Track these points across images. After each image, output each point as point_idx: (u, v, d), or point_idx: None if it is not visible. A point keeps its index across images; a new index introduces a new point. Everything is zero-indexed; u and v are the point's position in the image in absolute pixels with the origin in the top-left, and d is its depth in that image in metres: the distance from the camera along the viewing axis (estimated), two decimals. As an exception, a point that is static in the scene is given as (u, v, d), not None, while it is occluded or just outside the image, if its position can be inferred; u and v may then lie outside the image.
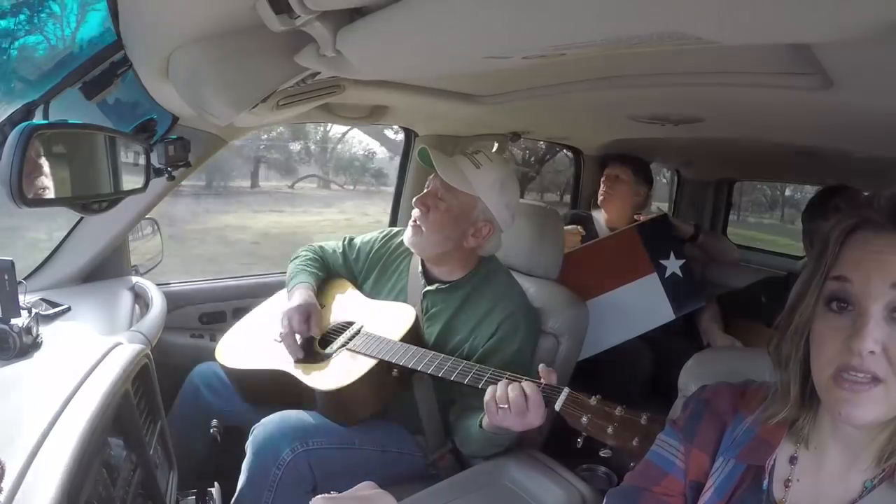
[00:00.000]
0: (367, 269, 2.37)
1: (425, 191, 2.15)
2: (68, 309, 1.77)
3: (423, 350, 1.89)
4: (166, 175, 1.88)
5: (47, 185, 1.34)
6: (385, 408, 1.98)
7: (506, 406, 1.59)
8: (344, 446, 1.92)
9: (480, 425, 1.81)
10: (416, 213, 2.12)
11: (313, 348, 2.08)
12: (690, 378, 1.49)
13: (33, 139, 1.22)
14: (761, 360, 1.35)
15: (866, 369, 0.83)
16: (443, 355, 1.86)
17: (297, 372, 1.99)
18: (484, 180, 2.08)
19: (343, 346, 2.02)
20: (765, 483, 1.01)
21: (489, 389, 1.65)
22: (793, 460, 1.01)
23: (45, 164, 1.32)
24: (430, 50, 1.15)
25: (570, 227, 3.16)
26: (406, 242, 2.17)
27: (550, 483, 1.83)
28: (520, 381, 1.64)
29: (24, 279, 1.95)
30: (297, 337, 2.07)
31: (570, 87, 1.79)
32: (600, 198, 3.34)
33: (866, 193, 0.96)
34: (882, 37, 0.64)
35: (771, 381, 1.09)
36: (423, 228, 2.09)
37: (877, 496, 0.92)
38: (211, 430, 1.64)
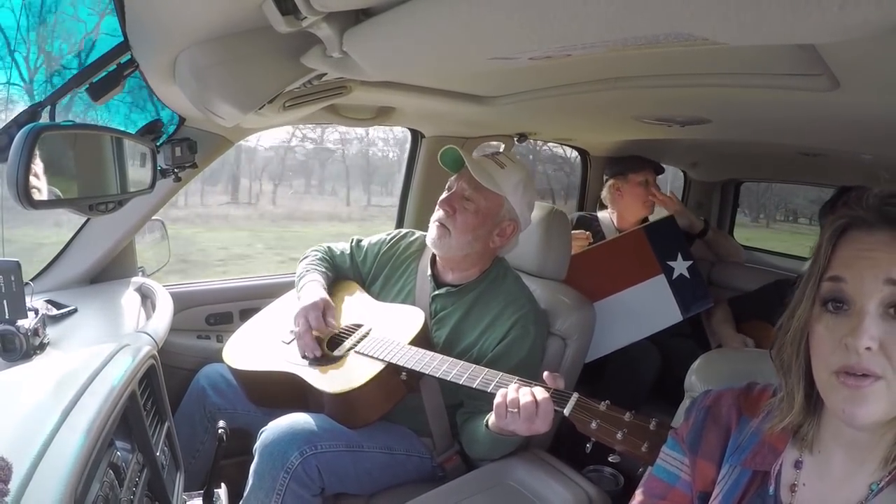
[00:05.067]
0: (375, 272, 2.37)
1: (448, 192, 2.14)
2: (75, 310, 1.77)
3: (432, 353, 1.88)
4: (172, 176, 1.88)
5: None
6: (392, 410, 1.97)
7: (515, 410, 1.58)
8: (352, 449, 1.91)
9: (487, 426, 1.80)
10: (440, 214, 2.11)
11: (322, 350, 2.07)
12: (697, 379, 1.48)
13: (40, 141, 1.22)
14: (768, 360, 1.35)
15: (864, 368, 0.83)
16: (451, 359, 1.85)
17: (305, 374, 1.97)
18: (510, 180, 2.08)
19: (351, 348, 2.02)
20: (771, 488, 1.01)
21: (500, 392, 1.64)
22: (798, 465, 1.00)
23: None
24: (437, 51, 1.15)
25: (577, 231, 3.15)
26: (430, 244, 2.15)
27: (557, 484, 1.82)
28: (530, 386, 1.63)
29: (31, 280, 1.96)
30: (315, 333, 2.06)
31: (577, 88, 1.79)
32: (645, 203, 3.26)
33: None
34: (888, 37, 0.64)
35: (776, 382, 1.08)
36: (451, 230, 2.07)
37: (882, 499, 0.91)
38: (221, 431, 1.64)
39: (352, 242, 2.46)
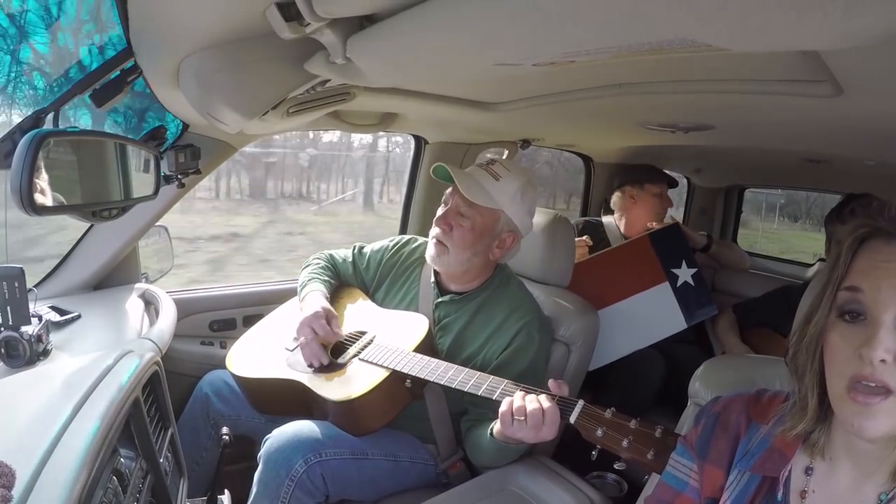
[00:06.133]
0: (379, 279, 2.35)
1: (444, 207, 2.12)
2: (78, 316, 1.77)
3: (437, 361, 1.87)
4: (176, 182, 1.88)
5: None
6: (396, 417, 1.96)
7: (522, 418, 1.57)
8: (356, 456, 1.90)
9: (491, 434, 1.79)
10: (437, 231, 2.09)
11: (326, 358, 2.05)
12: (701, 385, 1.47)
13: (43, 147, 1.22)
14: (772, 367, 1.34)
15: (878, 379, 0.82)
16: (456, 366, 1.84)
17: (309, 381, 1.97)
18: (505, 192, 2.06)
19: (356, 355, 2.01)
20: (779, 494, 1.00)
21: (505, 401, 1.63)
22: (808, 471, 1.00)
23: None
24: (440, 57, 1.15)
25: (578, 239, 3.13)
26: (429, 261, 2.14)
27: (560, 489, 1.82)
28: (536, 394, 1.62)
29: (35, 287, 1.96)
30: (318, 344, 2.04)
31: (580, 94, 1.78)
32: (658, 213, 3.21)
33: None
34: (891, 44, 0.63)
35: (784, 389, 1.08)
36: (449, 247, 2.06)
37: None
38: (224, 437, 1.64)
39: (354, 249, 2.45)
